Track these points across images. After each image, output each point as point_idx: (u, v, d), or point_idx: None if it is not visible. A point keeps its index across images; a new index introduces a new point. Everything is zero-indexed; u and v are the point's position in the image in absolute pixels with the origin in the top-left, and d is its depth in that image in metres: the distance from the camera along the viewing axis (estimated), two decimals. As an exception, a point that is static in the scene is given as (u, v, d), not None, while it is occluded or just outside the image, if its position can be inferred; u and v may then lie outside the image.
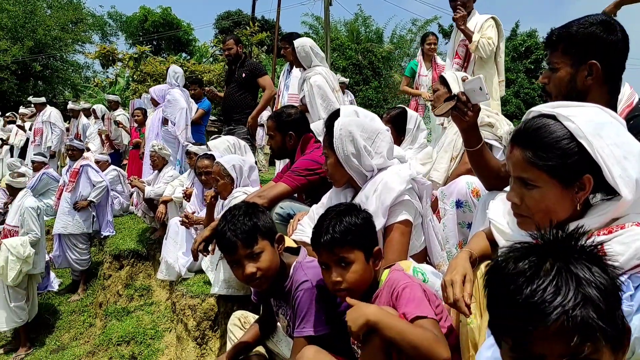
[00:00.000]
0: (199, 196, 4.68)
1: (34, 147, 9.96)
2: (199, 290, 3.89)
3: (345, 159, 2.24)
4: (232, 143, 4.56)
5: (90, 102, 12.68)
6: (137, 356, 5.09)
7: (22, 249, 5.86)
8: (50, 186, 8.28)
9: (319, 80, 4.31)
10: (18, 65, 22.66)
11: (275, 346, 2.16)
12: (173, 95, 6.31)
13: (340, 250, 1.73)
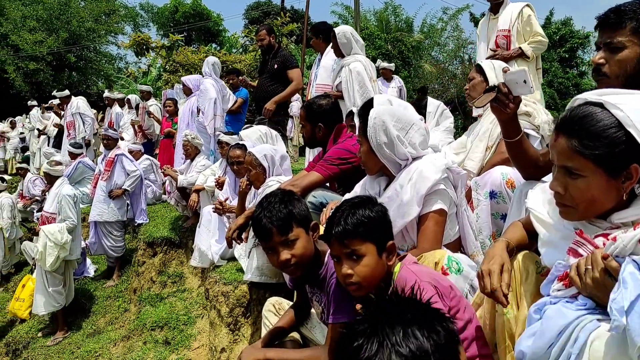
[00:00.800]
0: (232, 185, 4.74)
1: (69, 140, 10.18)
2: (231, 278, 3.95)
3: (377, 148, 2.24)
4: (264, 132, 4.59)
5: (124, 93, 12.91)
6: (170, 341, 5.21)
7: (59, 235, 6.02)
8: (86, 175, 8.48)
9: (358, 67, 4.32)
10: (53, 56, 23.13)
11: (310, 332, 2.19)
12: (205, 85, 6.37)
13: (352, 243, 1.71)
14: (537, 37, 4.51)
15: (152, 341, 5.30)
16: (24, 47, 22.28)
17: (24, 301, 6.79)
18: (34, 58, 22.50)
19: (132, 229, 7.45)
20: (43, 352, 5.96)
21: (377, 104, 2.28)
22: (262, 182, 3.79)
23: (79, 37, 24.21)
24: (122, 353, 5.40)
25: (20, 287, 6.99)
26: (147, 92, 10.21)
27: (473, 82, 3.20)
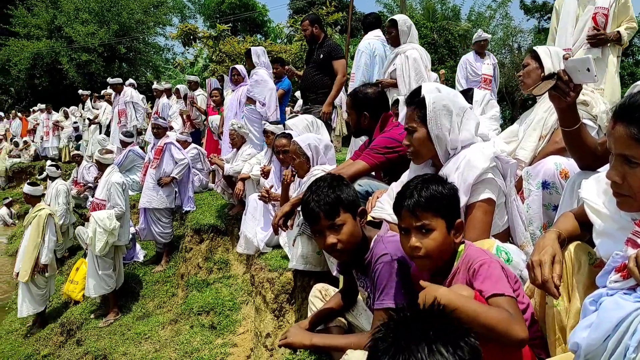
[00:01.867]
0: (277, 173, 4.78)
1: (119, 127, 10.50)
2: (276, 265, 4.00)
3: (437, 134, 2.21)
4: (310, 122, 4.60)
5: (172, 83, 13.17)
6: (216, 326, 5.32)
7: (108, 221, 6.22)
8: (136, 163, 8.72)
9: (415, 54, 4.29)
10: (104, 47, 23.79)
11: (355, 319, 2.21)
12: (261, 76, 6.35)
13: (423, 215, 1.72)
14: (632, 22, 4.25)
15: (199, 325, 5.43)
16: (77, 38, 23.00)
17: (77, 284, 7.08)
18: (86, 49, 23.21)
19: (180, 216, 7.62)
20: (95, 332, 6.19)
21: (430, 90, 2.25)
22: (306, 171, 3.81)
23: (128, 28, 24.81)
24: (170, 336, 5.56)
25: (74, 270, 7.28)
26: (195, 82, 10.40)
27: (527, 68, 3.09)
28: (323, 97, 5.79)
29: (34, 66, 23.38)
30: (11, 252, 11.21)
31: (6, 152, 17.08)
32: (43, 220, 7.02)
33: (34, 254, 6.92)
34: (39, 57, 23.05)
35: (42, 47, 22.86)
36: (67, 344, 6.43)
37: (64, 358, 6.01)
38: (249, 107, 6.54)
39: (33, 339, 7.03)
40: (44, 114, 16.23)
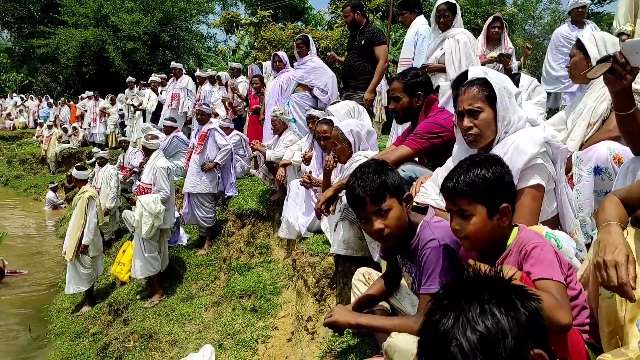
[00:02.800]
0: (319, 159, 4.80)
1: (170, 110, 10.75)
2: (318, 249, 4.04)
3: (503, 115, 2.17)
4: (352, 107, 4.59)
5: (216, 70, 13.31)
6: (257, 309, 5.42)
7: (153, 205, 6.38)
8: (180, 149, 8.90)
9: (465, 38, 4.21)
10: (149, 35, 24.25)
11: (399, 303, 2.21)
12: (318, 62, 6.35)
13: (460, 202, 1.73)
14: None
15: (241, 308, 5.54)
16: (122, 27, 23.52)
17: (124, 265, 7.30)
18: (131, 38, 23.71)
19: (222, 201, 7.75)
20: (141, 313, 6.39)
21: (482, 72, 2.21)
22: (347, 156, 3.81)
23: (172, 17, 25.20)
24: (213, 318, 5.68)
25: (121, 252, 7.52)
26: (237, 70, 10.49)
27: (574, 60, 2.98)
28: (364, 84, 5.75)
29: (82, 54, 24.04)
30: (61, 233, 11.66)
31: (56, 137, 17.68)
32: (85, 202, 7.29)
33: (77, 234, 7.21)
34: (87, 45, 23.67)
35: (89, 35, 23.48)
36: (114, 323, 6.66)
37: (112, 336, 6.22)
38: (300, 93, 6.50)
39: (82, 318, 7.31)
40: (92, 101, 16.71)
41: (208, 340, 5.16)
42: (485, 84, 2.19)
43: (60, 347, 6.62)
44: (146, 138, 7.03)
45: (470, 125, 2.21)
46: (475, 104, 2.20)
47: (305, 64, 6.47)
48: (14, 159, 20.33)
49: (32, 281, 9.31)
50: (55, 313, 7.82)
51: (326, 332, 3.75)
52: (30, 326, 7.33)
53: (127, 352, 5.68)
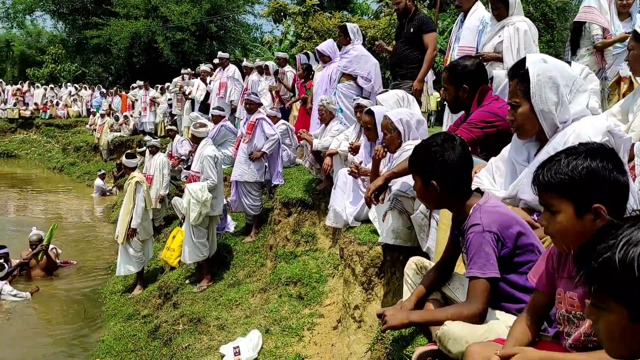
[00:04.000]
0: (367, 149, 4.79)
1: (218, 99, 10.95)
2: (366, 238, 4.04)
3: (542, 109, 2.12)
4: (401, 96, 4.55)
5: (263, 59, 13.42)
6: (303, 296, 5.48)
7: (200, 193, 6.51)
8: (228, 137, 9.04)
9: (524, 26, 4.10)
10: (196, 26, 24.68)
11: (452, 293, 2.20)
12: (360, 51, 6.32)
13: (545, 195, 1.62)
14: None
15: (287, 295, 5.62)
16: (171, 18, 24.01)
17: (173, 251, 7.51)
18: (180, 28, 24.19)
19: (269, 189, 7.84)
20: (190, 297, 6.56)
21: (535, 61, 2.16)
22: (397, 146, 3.80)
23: (219, 7, 25.55)
24: (260, 304, 5.78)
25: (170, 238, 7.73)
26: (283, 59, 10.57)
27: (633, 53, 2.86)
28: (412, 72, 5.70)
29: (132, 45, 24.68)
30: (113, 219, 12.07)
31: (108, 126, 18.27)
32: (133, 187, 7.57)
33: (127, 219, 7.51)
34: (137, 36, 24.28)
35: (139, 26, 24.07)
36: (164, 306, 6.87)
37: (162, 319, 6.41)
38: (345, 83, 6.50)
39: (134, 300, 7.57)
40: (142, 91, 17.15)
41: (255, 325, 5.26)
42: (525, 77, 2.15)
43: (113, 327, 6.88)
44: (194, 127, 7.17)
45: (512, 118, 2.24)
46: (514, 98, 2.21)
47: (348, 52, 6.46)
48: (69, 147, 21.14)
49: (86, 265, 9.69)
50: (108, 295, 8.12)
51: (374, 321, 3.77)
52: (85, 307, 7.65)
53: (177, 335, 5.85)
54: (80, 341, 6.82)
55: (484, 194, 2.16)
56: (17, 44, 43.84)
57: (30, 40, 44.05)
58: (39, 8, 29.93)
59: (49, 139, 22.55)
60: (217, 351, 5.10)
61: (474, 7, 4.82)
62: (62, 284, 8.69)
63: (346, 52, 6.50)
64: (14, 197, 15.92)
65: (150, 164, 9.50)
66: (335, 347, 4.37)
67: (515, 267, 2.01)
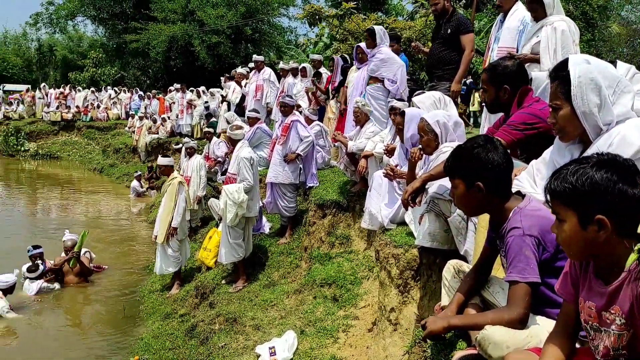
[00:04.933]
0: (403, 150, 4.77)
1: (254, 101, 11.08)
2: (402, 241, 4.02)
3: (584, 111, 2.09)
4: (438, 98, 4.52)
5: (298, 61, 13.49)
6: (338, 298, 5.49)
7: (237, 194, 6.59)
8: (263, 140, 9.11)
9: (563, 25, 4.01)
10: (232, 29, 25.03)
11: (492, 297, 2.17)
12: (386, 53, 6.33)
13: (553, 203, 1.62)
14: None
15: (322, 296, 5.63)
16: (207, 21, 24.40)
17: (210, 251, 7.61)
18: (215, 32, 24.56)
19: (304, 191, 7.88)
20: (226, 297, 6.64)
21: (576, 62, 2.12)
22: (433, 148, 3.76)
23: (255, 10, 25.84)
24: (295, 305, 5.82)
25: (207, 238, 7.84)
26: (318, 61, 10.60)
27: None
28: (450, 74, 5.65)
29: (170, 49, 25.16)
30: (150, 219, 12.32)
31: (146, 128, 18.66)
32: (176, 188, 7.71)
33: (168, 218, 7.66)
34: (174, 40, 24.75)
35: (177, 30, 24.52)
36: (201, 306, 6.97)
37: (199, 318, 6.51)
38: (373, 85, 6.56)
39: (171, 299, 7.71)
40: (179, 93, 17.46)
41: (290, 326, 5.29)
42: (566, 79, 2.12)
43: (152, 326, 7.03)
44: (231, 129, 7.26)
45: (554, 120, 2.22)
46: (555, 100, 2.18)
47: (374, 56, 6.48)
48: (108, 149, 21.71)
49: (125, 264, 9.92)
50: (146, 294, 8.29)
51: (410, 324, 3.76)
52: (124, 306, 7.83)
53: (213, 334, 5.93)
54: (120, 338, 6.98)
55: (524, 197, 2.14)
56: (59, 49, 45.29)
57: (72, 45, 45.46)
58: (80, 14, 30.82)
59: (89, 141, 23.21)
60: (253, 351, 5.15)
61: (514, 7, 4.74)
62: (102, 283, 8.91)
63: (372, 56, 6.53)
64: (56, 197, 16.44)
65: (187, 166, 9.67)
66: (371, 349, 4.36)
67: (556, 272, 1.98)
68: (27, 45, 48.59)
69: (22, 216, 14.42)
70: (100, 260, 9.64)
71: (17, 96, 27.14)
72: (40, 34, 42.89)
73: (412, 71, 12.43)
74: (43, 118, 24.35)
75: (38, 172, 21.06)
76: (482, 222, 2.54)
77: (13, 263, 8.45)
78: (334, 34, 15.47)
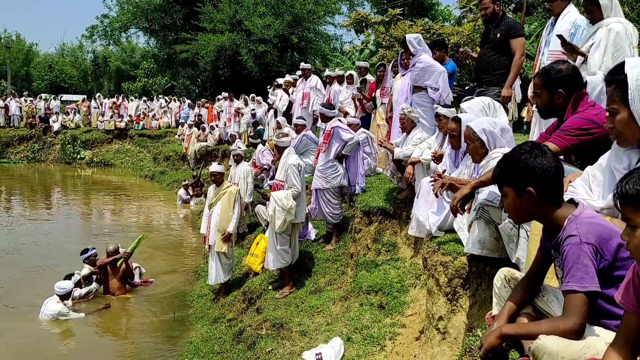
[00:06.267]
0: (451, 157, 4.71)
1: (301, 109, 11.19)
2: (450, 249, 3.97)
3: None
4: (487, 104, 4.43)
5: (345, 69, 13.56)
6: (384, 305, 5.45)
7: (285, 201, 6.65)
8: (309, 147, 9.18)
9: (618, 27, 3.89)
10: (278, 38, 25.33)
11: (546, 306, 2.11)
12: (425, 61, 6.27)
13: (624, 209, 1.57)
14: None
15: (368, 304, 5.61)
16: (254, 31, 24.78)
17: (257, 257, 7.71)
18: (262, 41, 24.92)
19: (349, 197, 7.87)
20: (273, 303, 6.70)
21: (634, 65, 2.05)
22: (481, 155, 3.69)
23: (301, 19, 26.08)
24: (341, 311, 5.81)
25: (254, 244, 7.94)
26: (364, 68, 10.61)
27: None
28: (499, 79, 5.55)
29: (218, 58, 25.66)
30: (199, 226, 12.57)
31: (195, 136, 19.10)
32: (234, 196, 7.86)
33: (225, 225, 7.78)
34: (222, 49, 25.24)
35: (225, 40, 25.00)
36: (248, 311, 7.05)
37: (246, 323, 6.59)
38: (417, 93, 6.48)
39: (219, 304, 7.84)
40: (227, 102, 17.80)
41: (336, 333, 5.29)
42: (623, 83, 2.06)
43: (200, 329, 7.16)
44: (277, 137, 7.35)
45: (611, 125, 2.16)
46: (611, 104, 2.14)
47: (415, 65, 6.39)
48: (159, 156, 22.36)
49: (175, 269, 10.16)
50: (195, 298, 8.46)
51: (459, 333, 3.69)
52: (174, 309, 8.01)
53: (260, 339, 5.98)
54: (170, 341, 7.15)
55: (578, 205, 2.07)
56: (113, 60, 47.00)
57: (125, 56, 47.10)
58: (133, 26, 31.85)
59: (141, 148, 23.97)
60: (300, 357, 5.16)
61: (566, 11, 4.62)
62: (152, 287, 9.15)
63: (413, 65, 6.44)
64: (110, 203, 17.03)
65: (234, 173, 9.84)
66: (418, 358, 4.31)
67: (614, 282, 1.91)
68: (83, 57, 50.63)
69: (78, 221, 15.01)
70: (150, 266, 9.91)
71: (74, 106, 28.31)
72: (96, 46, 44.63)
73: (458, 77, 12.25)
74: (98, 127, 25.33)
75: (93, 178, 21.91)
76: (535, 229, 2.48)
77: (70, 267, 8.82)
78: (380, 40, 15.44)
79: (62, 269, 8.93)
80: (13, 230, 13.12)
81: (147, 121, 24.63)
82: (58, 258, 10.33)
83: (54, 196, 18.31)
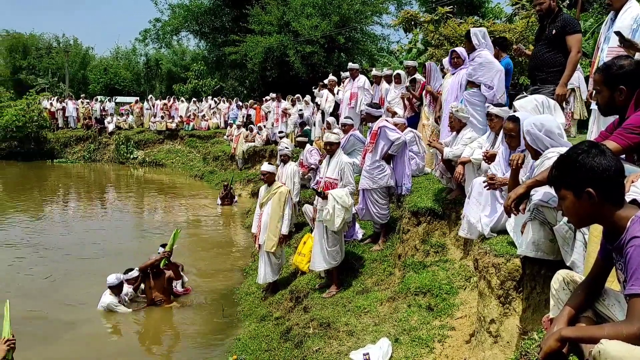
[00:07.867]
0: (505, 157, 4.60)
1: (348, 109, 11.18)
2: (503, 250, 3.87)
3: None
4: (541, 102, 4.30)
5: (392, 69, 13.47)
6: (433, 307, 5.38)
7: (346, 199, 6.62)
8: (357, 147, 9.15)
9: None
10: (325, 39, 25.36)
11: (607, 310, 2.03)
12: (485, 57, 6.16)
13: None
14: None
15: (416, 305, 5.55)
16: (302, 32, 24.91)
17: (304, 256, 7.73)
18: (309, 42, 25.02)
19: (397, 198, 7.80)
20: (320, 302, 6.70)
21: None
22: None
23: (348, 19, 26.04)
24: (388, 312, 5.77)
25: (302, 243, 7.97)
26: (413, 68, 10.50)
27: None
28: (554, 77, 5.39)
29: (266, 59, 25.93)
30: (246, 224, 12.78)
31: (243, 137, 19.38)
32: (284, 196, 7.90)
33: (278, 225, 7.81)
34: (270, 51, 25.49)
35: (273, 41, 25.24)
36: (295, 310, 7.09)
37: (293, 322, 6.63)
38: (470, 90, 6.39)
39: (267, 302, 7.91)
40: (274, 102, 17.97)
41: (384, 333, 5.25)
42: None
43: (248, 327, 7.25)
44: (327, 136, 7.35)
45: None
46: None
47: (474, 60, 6.28)
48: (208, 156, 22.84)
49: (223, 267, 10.35)
50: (243, 296, 8.58)
51: (512, 337, 3.60)
52: (223, 306, 8.15)
53: (307, 338, 6.00)
54: (219, 338, 7.27)
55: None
56: (165, 63, 48.31)
57: (176, 59, 48.33)
58: (184, 29, 32.57)
59: (191, 149, 24.53)
60: (347, 356, 5.15)
61: (627, 5, 4.44)
62: (202, 284, 9.34)
63: (472, 60, 6.34)
64: (161, 201, 17.52)
65: (282, 172, 9.90)
66: (468, 361, 4.23)
67: None
68: (136, 60, 52.22)
69: (131, 218, 15.51)
70: (200, 263, 10.12)
71: (127, 107, 29.25)
72: (148, 49, 45.90)
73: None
74: (150, 128, 26.08)
75: (145, 178, 22.59)
76: (595, 231, 2.39)
77: (124, 262, 9.12)
78: (429, 39, 15.23)
79: (116, 263, 9.25)
80: (69, 227, 13.73)
81: (196, 122, 25.17)
82: (112, 253, 10.72)
83: (108, 195, 18.98)
